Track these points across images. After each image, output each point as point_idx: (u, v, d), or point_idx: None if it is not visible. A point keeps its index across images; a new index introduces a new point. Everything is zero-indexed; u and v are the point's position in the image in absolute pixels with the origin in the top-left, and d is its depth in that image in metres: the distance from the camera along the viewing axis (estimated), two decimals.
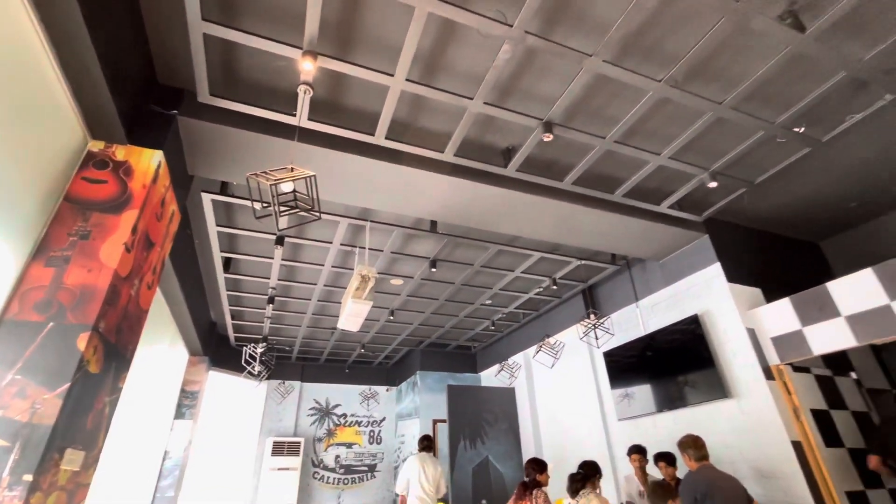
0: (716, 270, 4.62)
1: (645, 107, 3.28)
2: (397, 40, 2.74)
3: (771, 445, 3.84)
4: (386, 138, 3.46)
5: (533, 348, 6.41)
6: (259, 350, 6.30)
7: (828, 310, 3.75)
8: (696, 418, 4.52)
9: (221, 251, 5.09)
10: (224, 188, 4.06)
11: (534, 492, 3.74)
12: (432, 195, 4.01)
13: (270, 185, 2.16)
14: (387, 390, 10.59)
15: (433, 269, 5.48)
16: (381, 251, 5.21)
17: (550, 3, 2.56)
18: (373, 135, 3.41)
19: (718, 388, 4.30)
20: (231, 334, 7.92)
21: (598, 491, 3.67)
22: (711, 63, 3.01)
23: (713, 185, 4.01)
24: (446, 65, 2.97)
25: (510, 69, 3.00)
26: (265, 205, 2.49)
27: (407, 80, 2.97)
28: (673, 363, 4.84)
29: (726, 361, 4.36)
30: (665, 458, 4.01)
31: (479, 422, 7.39)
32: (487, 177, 3.91)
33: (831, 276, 4.03)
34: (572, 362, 6.52)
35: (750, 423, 4.05)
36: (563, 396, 6.68)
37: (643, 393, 5.15)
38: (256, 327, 7.66)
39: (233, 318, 7.17)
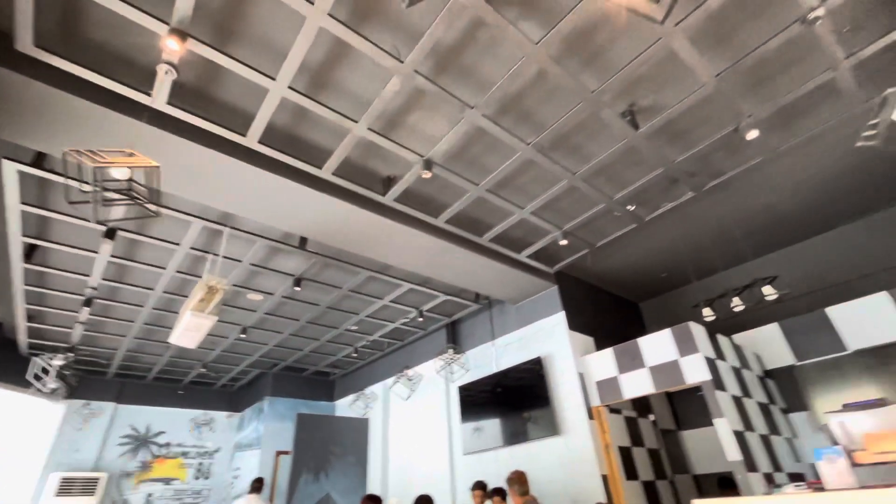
0: (560, 318, 5.19)
1: (515, 164, 3.63)
2: (284, 45, 2.62)
3: (586, 478, 4.31)
4: (260, 142, 3.23)
5: (392, 379, 6.37)
6: (56, 362, 5.10)
7: (637, 361, 4.45)
8: (531, 453, 4.90)
9: (25, 235, 4.10)
10: (40, 160, 3.32)
11: None
12: (305, 211, 3.82)
13: (94, 167, 1.82)
14: (227, 416, 9.42)
15: (297, 288, 5.16)
16: (240, 261, 4.74)
17: (443, 50, 2.72)
18: (245, 135, 3.16)
19: (552, 426, 4.74)
20: (22, 339, 6.32)
21: None
22: (571, 138, 3.48)
23: (564, 242, 4.57)
24: (335, 82, 2.93)
25: (398, 102, 3.07)
26: (88, 189, 2.10)
27: (290, 87, 2.84)
28: (518, 400, 5.22)
29: (560, 401, 4.85)
30: (499, 494, 4.22)
31: (327, 454, 6.99)
32: (365, 201, 3.88)
33: (644, 333, 4.82)
34: (428, 395, 6.62)
35: (572, 458, 4.51)
36: (416, 429, 6.70)
37: (492, 427, 5.42)
38: (62, 333, 6.25)
39: (29, 318, 5.76)
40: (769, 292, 4.06)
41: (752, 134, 3.27)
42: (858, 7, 2.65)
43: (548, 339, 5.26)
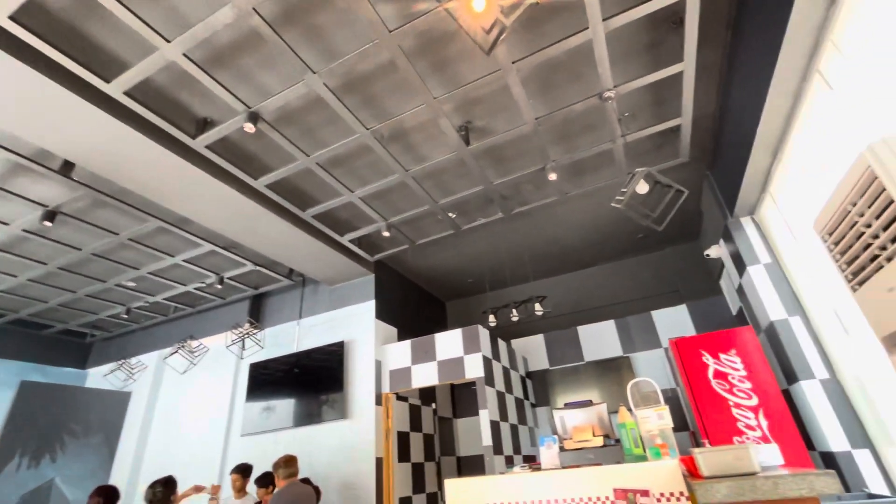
0: (370, 306, 5.29)
1: (352, 145, 3.54)
2: None
3: (361, 461, 4.48)
4: (22, 25, 2.40)
5: (171, 348, 5.52)
6: None
7: (430, 354, 4.84)
8: (313, 436, 4.85)
9: None
10: None
11: None
12: (79, 130, 3.01)
13: None
14: None
15: (48, 223, 4.02)
16: None
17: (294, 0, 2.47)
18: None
19: (343, 409, 4.78)
20: None
21: None
22: (410, 136, 3.57)
23: (387, 234, 4.67)
24: None
25: (229, 37, 2.67)
26: None
27: None
28: (316, 382, 5.10)
29: (354, 386, 4.93)
30: (259, 481, 3.97)
31: (59, 433, 5.66)
32: (168, 139, 3.26)
33: (445, 326, 5.28)
34: (212, 370, 5.96)
35: (354, 441, 4.64)
36: (190, 407, 5.95)
37: (284, 407, 5.16)
38: None
39: None
40: (538, 309, 4.89)
41: (553, 176, 3.89)
42: (636, 101, 3.41)
43: (355, 324, 5.30)
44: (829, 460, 3.13)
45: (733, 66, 3.05)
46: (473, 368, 4.55)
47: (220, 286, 5.58)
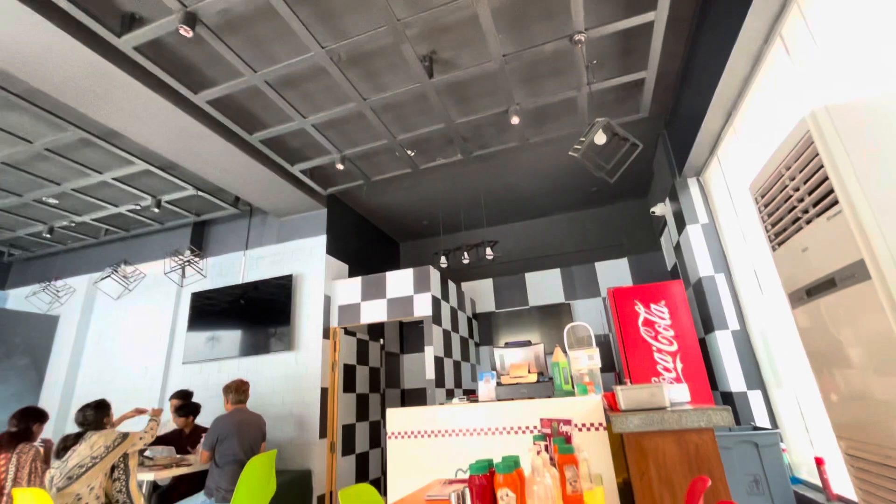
0: (321, 241, 5.17)
1: (305, 65, 3.26)
2: None
3: (307, 391, 4.58)
4: None
5: (102, 273, 5.18)
6: None
7: (380, 292, 4.87)
8: (260, 366, 4.87)
9: None
10: None
11: (21, 446, 2.93)
12: None
13: None
14: None
15: None
16: None
17: None
18: None
19: (290, 342, 4.79)
20: None
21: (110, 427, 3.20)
22: (370, 62, 3.33)
23: (341, 167, 4.47)
24: None
25: None
26: None
27: None
28: (263, 314, 5.03)
29: (301, 319, 4.92)
30: (179, 410, 3.91)
31: None
32: (88, 35, 2.84)
33: (398, 265, 5.29)
34: (149, 297, 5.71)
35: (300, 372, 4.71)
36: (129, 333, 5.73)
37: (230, 338, 5.08)
38: None
39: None
40: (489, 253, 4.99)
41: (516, 120, 3.82)
42: (605, 49, 3.33)
43: (305, 259, 5.19)
44: (728, 399, 3.57)
45: (703, 23, 3.03)
46: (422, 307, 4.65)
47: (157, 210, 5.20)
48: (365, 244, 6.11)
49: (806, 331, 1.65)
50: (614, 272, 5.83)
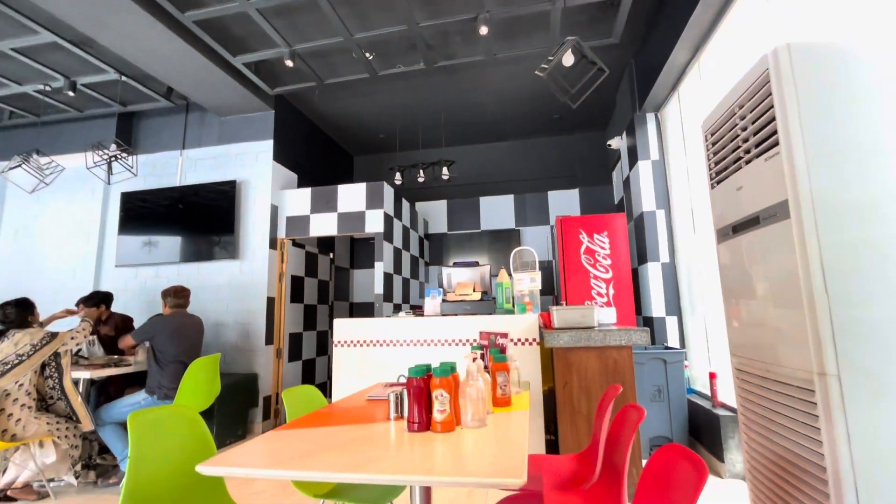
0: (267, 146, 4.82)
1: None
2: None
3: (253, 300, 4.55)
4: None
5: (10, 162, 4.58)
6: None
7: (331, 205, 4.73)
8: (202, 272, 4.72)
9: None
10: None
11: None
12: None
13: None
14: None
15: None
16: None
17: None
18: None
19: (235, 250, 4.63)
20: None
21: (37, 326, 3.07)
22: None
23: (290, 63, 4.05)
24: None
25: None
26: None
27: None
28: (204, 220, 4.77)
29: (247, 228, 4.73)
30: (86, 301, 3.73)
31: None
32: None
33: (351, 179, 5.10)
34: (74, 194, 5.22)
35: (244, 281, 4.63)
36: (49, 231, 5.28)
37: (169, 243, 4.81)
38: None
39: None
40: (445, 173, 4.92)
41: (484, 30, 3.56)
42: None
43: (250, 164, 4.86)
44: (649, 322, 3.96)
45: None
46: (374, 224, 4.60)
47: (72, 94, 4.54)
48: (317, 154, 5.79)
49: (725, 264, 1.80)
50: (565, 202, 5.99)
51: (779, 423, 1.43)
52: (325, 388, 5.51)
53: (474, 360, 1.43)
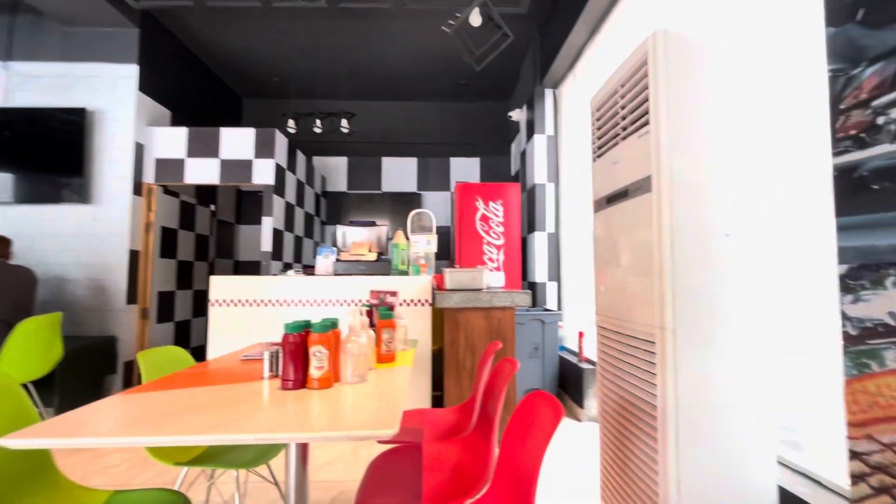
0: (131, 71, 4.06)
1: None
2: None
3: (110, 252, 3.92)
4: None
5: None
6: None
7: (211, 149, 4.20)
8: (42, 218, 3.91)
9: None
10: None
11: None
12: None
13: None
14: None
15: None
16: None
17: None
18: None
19: (86, 193, 3.90)
20: None
21: None
22: None
23: None
24: None
25: None
26: None
27: None
28: (43, 154, 3.90)
29: (101, 168, 3.99)
30: None
31: None
32: None
33: (239, 123, 4.54)
34: None
35: (100, 230, 3.95)
36: None
37: None
38: None
39: None
40: (344, 125, 4.66)
41: None
42: None
43: (106, 91, 4.06)
44: (533, 287, 4.28)
45: None
46: (263, 174, 4.21)
47: None
48: (197, 90, 5.04)
49: (598, 234, 1.98)
50: (466, 169, 6.09)
51: (626, 372, 1.65)
52: (202, 353, 5.06)
53: (360, 315, 1.39)
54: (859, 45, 0.97)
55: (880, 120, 0.92)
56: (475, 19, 2.54)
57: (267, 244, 4.17)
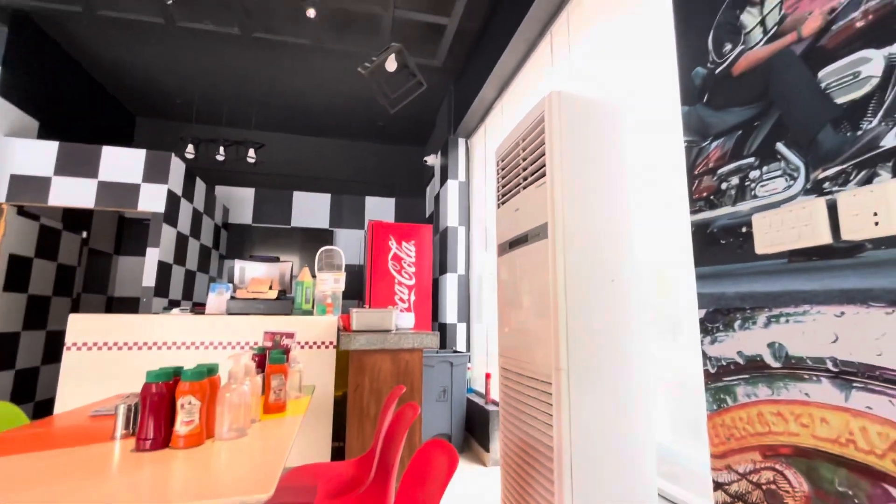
0: None
1: None
2: None
3: None
4: None
5: None
6: None
7: (89, 169, 3.70)
8: None
9: None
10: None
11: None
12: None
13: None
14: None
15: None
16: None
17: None
18: None
19: None
20: None
21: None
22: None
23: None
24: None
25: None
26: None
27: None
28: None
29: None
30: None
31: None
32: None
33: (129, 143, 4.07)
34: None
35: None
36: None
37: None
38: None
39: None
40: (251, 155, 4.44)
41: (312, 13, 3.35)
42: None
43: None
44: (443, 328, 4.29)
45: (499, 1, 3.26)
46: (152, 201, 3.79)
47: None
48: (78, 104, 4.48)
49: (502, 276, 2.05)
50: (381, 209, 6.09)
51: (526, 414, 1.67)
52: (49, 407, 4.20)
53: (245, 360, 1.25)
54: (706, 122, 1.15)
55: (724, 185, 1.09)
56: (391, 65, 2.62)
57: (150, 278, 3.69)
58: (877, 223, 0.77)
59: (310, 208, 5.89)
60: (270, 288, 3.14)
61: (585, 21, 2.47)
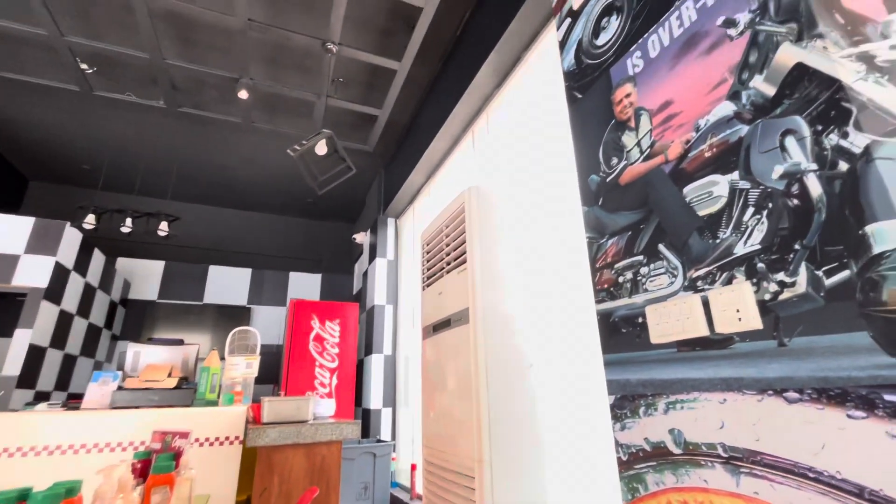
0: None
1: None
2: None
3: None
4: None
5: None
6: None
7: None
8: None
9: None
10: None
11: None
12: None
13: None
14: None
15: None
16: None
17: None
18: None
19: None
20: None
21: None
22: None
23: None
24: None
25: None
26: None
27: None
28: None
29: None
30: None
31: None
32: None
33: (16, 210, 3.61)
34: None
35: None
36: None
37: None
38: None
39: None
40: (163, 228, 4.16)
41: (244, 94, 3.42)
42: (353, 72, 3.47)
43: None
44: (367, 414, 4.02)
45: (432, 93, 3.59)
46: (33, 274, 3.33)
47: None
48: None
49: (426, 359, 2.02)
50: (306, 285, 5.86)
51: None
52: None
53: (118, 472, 1.06)
54: (603, 222, 1.30)
55: (620, 279, 1.21)
56: (321, 149, 2.69)
57: (14, 366, 3.12)
58: (740, 318, 0.88)
59: (226, 283, 5.51)
60: (170, 375, 2.78)
61: (501, 124, 2.78)
